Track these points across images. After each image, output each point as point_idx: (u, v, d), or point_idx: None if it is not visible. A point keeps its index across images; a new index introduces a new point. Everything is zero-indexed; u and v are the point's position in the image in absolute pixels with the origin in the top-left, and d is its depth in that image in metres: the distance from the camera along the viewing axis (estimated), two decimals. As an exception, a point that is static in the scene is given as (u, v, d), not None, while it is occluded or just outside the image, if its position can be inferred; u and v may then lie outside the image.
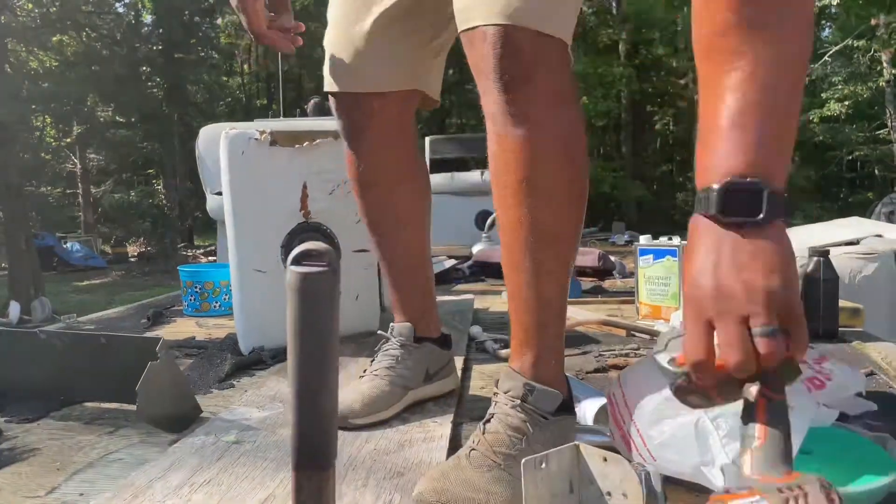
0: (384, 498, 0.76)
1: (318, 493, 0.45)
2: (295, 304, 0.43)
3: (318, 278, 0.43)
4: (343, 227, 1.52)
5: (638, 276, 1.74)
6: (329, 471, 0.46)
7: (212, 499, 0.76)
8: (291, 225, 1.49)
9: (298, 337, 0.43)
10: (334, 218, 1.52)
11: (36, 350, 1.14)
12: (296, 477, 0.46)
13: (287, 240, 1.49)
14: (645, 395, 0.73)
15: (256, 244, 1.47)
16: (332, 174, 1.50)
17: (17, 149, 10.86)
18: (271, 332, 1.46)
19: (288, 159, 1.47)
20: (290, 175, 1.47)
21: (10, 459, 0.95)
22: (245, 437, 0.95)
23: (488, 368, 1.33)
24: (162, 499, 0.76)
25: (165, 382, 1.02)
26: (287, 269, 0.44)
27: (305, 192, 1.49)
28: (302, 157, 1.48)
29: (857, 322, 1.57)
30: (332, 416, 0.45)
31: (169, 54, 16.95)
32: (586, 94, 17.87)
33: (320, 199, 1.50)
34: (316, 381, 0.44)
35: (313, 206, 1.50)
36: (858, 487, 0.67)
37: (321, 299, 0.43)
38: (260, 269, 1.48)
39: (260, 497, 0.77)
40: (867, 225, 3.20)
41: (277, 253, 1.49)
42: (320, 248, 0.44)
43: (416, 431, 0.95)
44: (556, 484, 0.66)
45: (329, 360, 0.44)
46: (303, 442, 0.45)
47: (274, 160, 1.46)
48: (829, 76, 15.17)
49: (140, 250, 17.57)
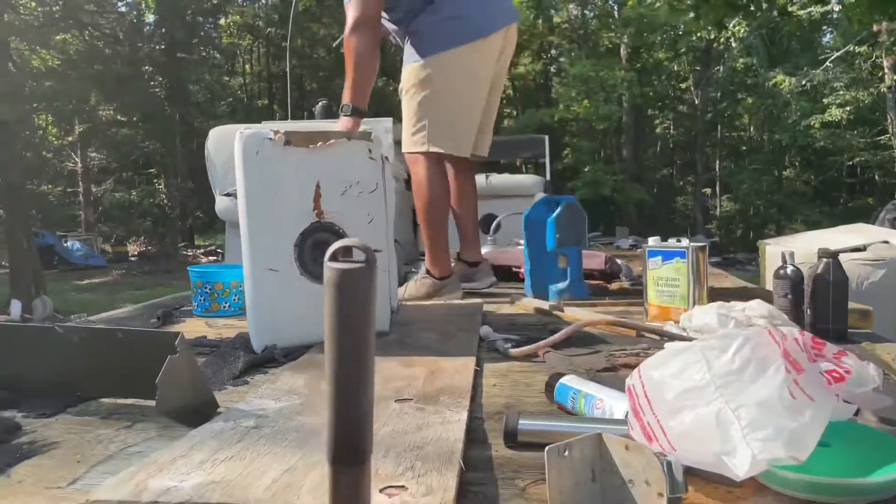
0: (404, 465, 0.78)
1: (355, 486, 0.46)
2: (332, 300, 0.43)
3: (355, 274, 0.44)
4: (355, 228, 1.52)
5: (646, 278, 1.75)
6: (366, 465, 0.47)
7: (234, 471, 0.78)
8: (304, 224, 1.49)
9: (336, 332, 0.44)
10: (347, 218, 1.52)
11: (52, 345, 1.15)
12: (333, 471, 0.46)
13: (300, 239, 1.49)
14: (664, 387, 0.73)
15: (269, 243, 1.47)
16: (345, 175, 1.50)
17: (18, 147, 10.86)
18: (283, 331, 1.47)
19: (301, 159, 1.47)
20: (303, 175, 1.48)
21: (30, 453, 0.96)
22: (263, 424, 0.96)
23: (500, 367, 1.34)
24: (187, 472, 0.78)
25: (184, 376, 1.03)
26: (325, 264, 0.44)
27: (318, 192, 1.49)
28: (315, 157, 1.48)
29: (866, 324, 1.58)
30: (368, 411, 0.46)
31: (171, 54, 16.98)
32: (587, 98, 17.89)
33: (333, 199, 1.50)
34: (353, 376, 0.45)
35: (326, 206, 1.50)
36: (878, 479, 0.68)
37: (358, 295, 0.44)
38: (272, 268, 1.48)
39: (282, 468, 0.78)
40: (873, 231, 3.22)
41: (290, 252, 1.49)
42: (357, 244, 0.45)
43: (434, 418, 0.96)
44: (579, 472, 0.67)
45: (365, 355, 0.45)
46: (340, 436, 0.46)
47: (287, 160, 1.46)
48: (831, 82, 15.19)
49: (140, 249, 17.57)
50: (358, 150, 1.52)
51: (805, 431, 0.67)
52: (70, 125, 16.31)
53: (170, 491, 0.72)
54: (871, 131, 16.60)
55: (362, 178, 1.52)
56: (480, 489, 0.78)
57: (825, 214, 17.51)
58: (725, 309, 1.43)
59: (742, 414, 0.68)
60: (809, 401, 0.69)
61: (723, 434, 0.68)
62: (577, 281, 2.14)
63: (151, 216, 18.17)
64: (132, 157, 18.50)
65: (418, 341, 1.49)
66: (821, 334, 1.45)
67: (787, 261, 1.50)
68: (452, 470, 0.76)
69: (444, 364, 1.26)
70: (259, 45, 22.59)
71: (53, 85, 13.06)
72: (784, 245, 3.16)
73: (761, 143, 21.93)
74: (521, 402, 1.10)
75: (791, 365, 0.72)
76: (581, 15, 21.51)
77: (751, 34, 15.14)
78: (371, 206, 1.53)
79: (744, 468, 0.65)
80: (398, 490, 0.71)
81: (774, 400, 0.68)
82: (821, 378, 0.72)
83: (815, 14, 12.69)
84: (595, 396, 0.95)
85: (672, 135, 23.14)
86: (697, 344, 0.76)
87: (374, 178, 1.53)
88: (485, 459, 0.87)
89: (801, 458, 0.66)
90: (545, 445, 0.68)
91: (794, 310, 1.47)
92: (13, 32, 11.12)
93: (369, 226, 1.53)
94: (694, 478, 0.74)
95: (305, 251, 1.49)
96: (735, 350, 0.73)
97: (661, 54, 20.50)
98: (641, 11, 16.17)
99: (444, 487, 0.71)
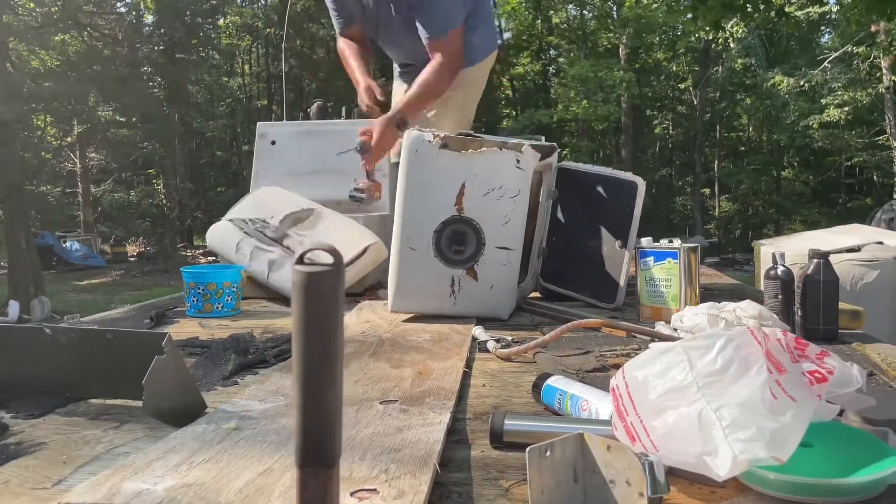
0: (379, 467, 0.78)
1: (322, 490, 0.46)
2: (300, 303, 0.43)
3: (322, 277, 0.44)
4: (490, 225, 1.72)
5: (639, 279, 1.75)
6: (334, 468, 0.46)
7: (209, 473, 0.77)
8: (446, 216, 1.72)
9: (303, 335, 0.44)
10: (484, 215, 1.72)
11: (41, 346, 1.15)
12: (300, 475, 0.46)
13: (440, 227, 1.72)
14: (648, 387, 0.73)
15: (414, 226, 1.72)
16: (489, 179, 1.71)
17: (17, 148, 10.85)
18: (414, 300, 1.76)
19: (452, 161, 1.70)
20: (452, 174, 1.71)
21: (16, 453, 0.96)
22: (245, 425, 0.96)
23: (490, 368, 1.34)
24: (161, 475, 0.77)
25: (171, 377, 1.03)
26: (293, 268, 0.44)
27: (462, 191, 1.71)
28: (465, 160, 1.70)
29: (857, 325, 1.57)
30: (336, 414, 0.46)
31: (170, 54, 16.98)
32: (586, 98, 17.91)
33: (474, 198, 1.71)
34: (321, 379, 0.44)
35: (467, 203, 1.71)
36: (859, 479, 0.68)
37: (326, 297, 0.44)
38: (413, 247, 1.73)
39: (257, 470, 0.78)
40: (868, 232, 3.22)
41: (430, 236, 1.73)
42: (325, 247, 0.45)
43: (416, 420, 0.96)
44: (561, 472, 0.67)
45: (334, 357, 0.44)
46: (308, 440, 0.45)
47: (441, 160, 1.70)
48: (829, 82, 15.21)
49: (139, 250, 17.57)
50: (507, 158, 1.70)
51: (787, 432, 0.67)
52: (69, 125, 16.30)
53: (142, 494, 0.72)
54: (870, 132, 16.61)
55: (506, 184, 1.71)
56: (464, 489, 0.78)
57: (823, 215, 17.53)
58: (716, 309, 1.43)
59: (724, 414, 0.68)
60: (791, 401, 0.69)
61: (704, 434, 0.68)
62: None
63: (150, 217, 18.16)
64: (131, 158, 18.48)
65: (410, 341, 1.49)
66: (811, 335, 1.46)
67: (778, 261, 1.50)
68: (427, 472, 0.76)
69: (433, 365, 1.26)
70: (258, 46, 22.60)
71: (52, 85, 13.06)
72: (778, 246, 3.16)
73: (760, 143, 21.96)
74: (510, 403, 1.10)
75: (773, 365, 0.72)
76: (580, 15, 21.52)
77: (749, 34, 15.16)
78: (510, 208, 1.71)
79: (725, 468, 0.65)
80: (369, 493, 0.71)
81: (756, 400, 0.68)
82: (803, 378, 0.72)
83: (813, 14, 12.71)
84: (581, 398, 0.95)
85: (671, 135, 23.16)
86: (681, 344, 0.76)
87: (518, 185, 1.71)
88: (469, 460, 0.87)
89: (783, 459, 0.66)
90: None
91: (784, 310, 1.47)
92: (12, 33, 11.12)
93: (505, 226, 1.72)
94: (676, 478, 0.74)
95: (443, 238, 1.73)
96: (718, 350, 0.73)
97: (659, 55, 20.52)
98: (640, 12, 16.18)
99: (415, 490, 0.71)
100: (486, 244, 1.72)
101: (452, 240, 1.73)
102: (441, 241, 1.73)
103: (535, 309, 1.88)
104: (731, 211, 21.09)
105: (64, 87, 12.99)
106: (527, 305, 1.93)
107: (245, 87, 23.54)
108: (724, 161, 21.98)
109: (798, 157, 20.57)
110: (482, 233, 1.72)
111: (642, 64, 20.55)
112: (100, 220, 18.86)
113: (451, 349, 1.41)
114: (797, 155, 20.32)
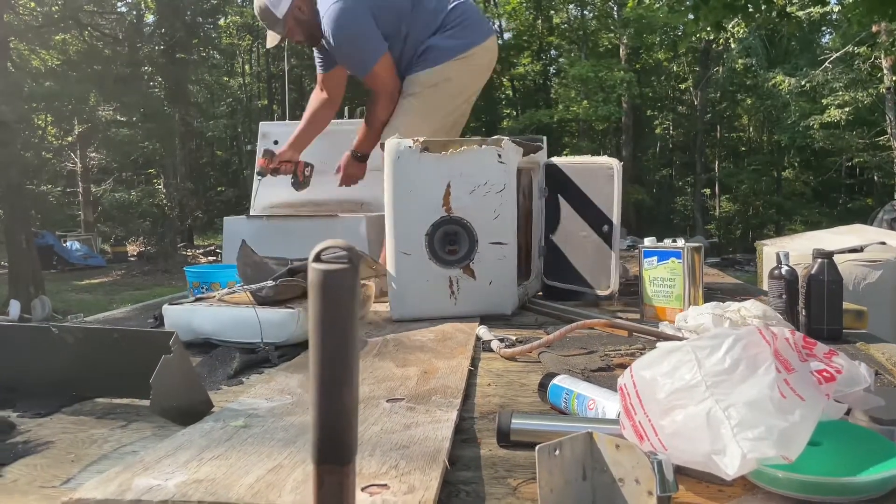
0: (389, 463, 0.78)
1: (338, 487, 0.46)
2: (316, 300, 0.43)
3: (338, 275, 0.44)
4: (481, 222, 1.74)
5: (642, 278, 1.75)
6: (350, 465, 0.46)
7: (219, 470, 0.78)
8: (435, 218, 1.73)
9: (320, 332, 0.44)
10: (473, 213, 1.73)
11: (48, 345, 1.15)
12: (317, 471, 0.46)
13: (431, 229, 1.73)
14: (656, 386, 0.74)
15: (405, 231, 1.73)
16: (473, 177, 1.73)
17: (18, 147, 10.85)
18: (413, 305, 1.75)
19: (435, 163, 1.72)
20: (436, 176, 1.72)
21: (24, 452, 0.96)
22: (253, 423, 0.96)
23: (496, 367, 1.34)
24: (171, 471, 0.78)
25: (178, 376, 1.03)
26: (309, 266, 0.44)
27: (448, 191, 1.72)
28: (447, 161, 1.72)
29: (861, 324, 1.58)
30: (353, 411, 0.46)
31: (170, 54, 16.98)
32: (586, 98, 17.90)
33: (461, 197, 1.73)
34: (337, 376, 0.45)
35: (455, 203, 1.73)
36: (867, 477, 0.69)
37: (342, 295, 0.44)
38: (406, 252, 1.73)
39: (267, 466, 0.78)
40: (871, 232, 3.23)
41: (422, 240, 1.73)
42: (341, 244, 0.45)
43: (423, 417, 0.96)
44: (570, 471, 0.67)
45: (349, 354, 0.45)
46: (324, 436, 0.45)
47: (423, 163, 1.71)
48: (830, 82, 15.20)
49: (140, 249, 17.58)
50: (489, 154, 1.73)
51: (795, 430, 0.67)
52: (70, 125, 16.31)
53: (153, 489, 0.72)
54: (870, 132, 16.60)
55: (490, 179, 1.73)
56: (472, 488, 0.79)
57: (824, 215, 17.53)
58: (721, 309, 1.43)
59: (732, 413, 0.68)
60: (800, 400, 0.69)
61: (713, 433, 0.68)
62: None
63: (151, 216, 18.17)
64: (132, 158, 18.49)
65: (415, 341, 1.50)
66: (815, 334, 1.46)
67: (782, 261, 1.50)
68: (437, 468, 0.76)
69: (438, 364, 1.27)
70: (259, 46, 22.60)
71: (53, 85, 13.05)
72: (781, 246, 3.16)
73: (760, 143, 21.96)
74: (516, 402, 1.10)
75: (781, 364, 0.72)
76: (580, 15, 21.52)
77: (750, 35, 15.16)
78: (498, 203, 1.74)
79: (734, 467, 0.66)
80: (380, 488, 0.71)
81: (764, 399, 0.68)
82: (811, 377, 0.73)
83: (814, 15, 12.71)
84: (587, 397, 0.95)
85: (671, 135, 23.16)
86: (689, 343, 0.76)
87: (503, 180, 1.74)
88: (477, 458, 0.87)
89: (791, 457, 0.66)
90: (538, 444, 0.68)
91: (788, 310, 1.47)
92: (12, 32, 11.12)
93: (495, 220, 1.74)
94: (685, 477, 0.75)
95: (435, 239, 1.74)
96: (726, 349, 0.73)
97: (660, 55, 20.52)
98: (641, 12, 16.17)
99: (425, 486, 0.71)
100: (478, 241, 1.74)
101: (445, 241, 1.75)
102: (434, 243, 1.74)
103: (540, 308, 1.88)
104: (732, 211, 21.09)
105: (64, 87, 12.98)
106: (531, 305, 1.93)
107: (245, 87, 23.56)
108: (725, 161, 21.98)
109: (799, 157, 20.56)
110: (473, 230, 1.74)
111: (643, 64, 20.55)
112: (100, 220, 18.86)
113: (456, 348, 1.41)
114: (798, 155, 20.31)
